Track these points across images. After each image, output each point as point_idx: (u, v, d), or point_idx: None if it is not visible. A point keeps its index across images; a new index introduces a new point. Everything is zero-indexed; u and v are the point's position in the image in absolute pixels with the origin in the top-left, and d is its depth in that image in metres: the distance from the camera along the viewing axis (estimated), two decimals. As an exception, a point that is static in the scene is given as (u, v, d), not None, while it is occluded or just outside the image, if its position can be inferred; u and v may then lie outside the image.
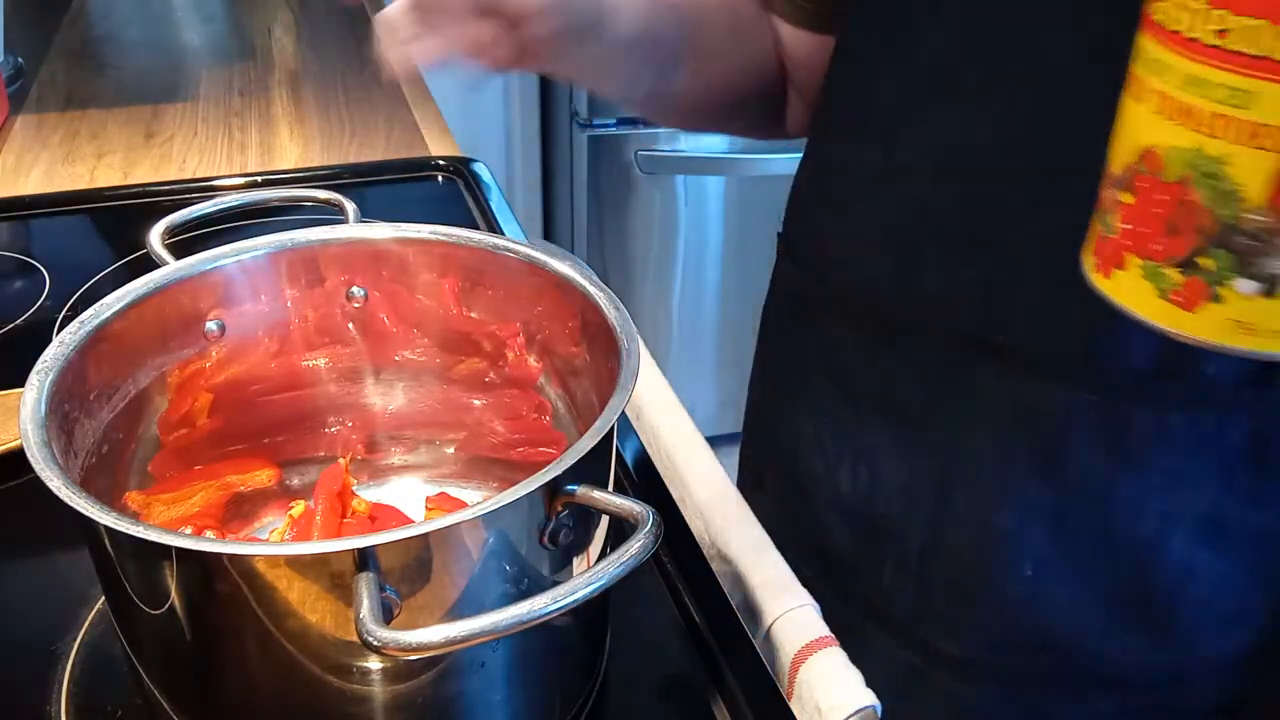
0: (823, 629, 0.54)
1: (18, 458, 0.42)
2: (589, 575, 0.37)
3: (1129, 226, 0.37)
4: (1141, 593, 0.56)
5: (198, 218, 0.58)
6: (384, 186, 1.03)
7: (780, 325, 0.70)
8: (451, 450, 0.60)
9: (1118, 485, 0.54)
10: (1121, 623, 0.57)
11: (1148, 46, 0.36)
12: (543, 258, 0.53)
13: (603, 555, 0.45)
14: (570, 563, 0.44)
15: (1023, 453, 0.55)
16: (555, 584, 0.37)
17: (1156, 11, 0.35)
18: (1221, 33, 0.33)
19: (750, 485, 0.73)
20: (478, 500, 0.42)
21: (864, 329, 0.61)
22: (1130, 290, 0.38)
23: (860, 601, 0.63)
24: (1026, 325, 0.53)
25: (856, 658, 0.52)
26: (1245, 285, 0.35)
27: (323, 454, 0.59)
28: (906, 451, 0.60)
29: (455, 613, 0.41)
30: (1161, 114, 0.35)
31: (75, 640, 0.54)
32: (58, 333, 0.50)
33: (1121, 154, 0.38)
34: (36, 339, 0.73)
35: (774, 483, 0.70)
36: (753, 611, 0.55)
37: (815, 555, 0.64)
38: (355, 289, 0.56)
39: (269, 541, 0.54)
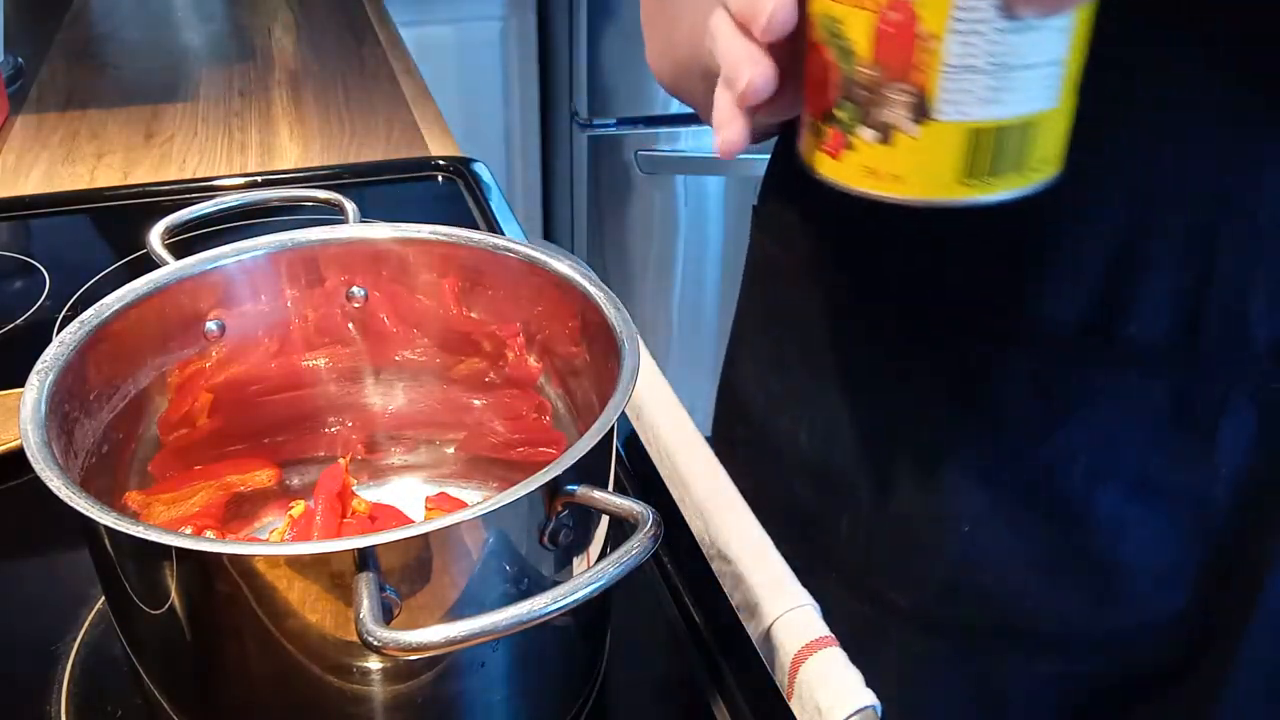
0: (823, 629, 0.54)
1: (18, 458, 0.42)
2: (589, 575, 0.37)
3: (807, 92, 0.41)
4: (1075, 551, 0.57)
5: (198, 218, 0.58)
6: (384, 186, 1.03)
7: (750, 290, 0.74)
8: (451, 450, 0.60)
9: (1047, 442, 0.55)
10: (1057, 580, 0.58)
11: None
12: (543, 258, 0.53)
13: (603, 555, 0.45)
14: (570, 563, 0.44)
15: (958, 408, 0.57)
16: (555, 584, 0.37)
17: None
18: None
19: (722, 445, 0.74)
20: (478, 500, 0.42)
21: (822, 294, 0.64)
22: (806, 148, 0.42)
23: (823, 556, 0.65)
24: (957, 282, 0.55)
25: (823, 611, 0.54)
26: (867, 133, 0.38)
27: (323, 454, 0.59)
28: (861, 411, 0.63)
29: (455, 613, 0.41)
30: None
31: (75, 640, 0.54)
32: (58, 333, 0.50)
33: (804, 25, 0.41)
34: (36, 339, 0.73)
35: (744, 445, 0.72)
36: (752, 611, 0.55)
37: (783, 515, 0.65)
38: (355, 289, 0.56)
39: (269, 541, 0.54)
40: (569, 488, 0.41)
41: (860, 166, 0.39)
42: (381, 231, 0.56)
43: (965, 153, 0.37)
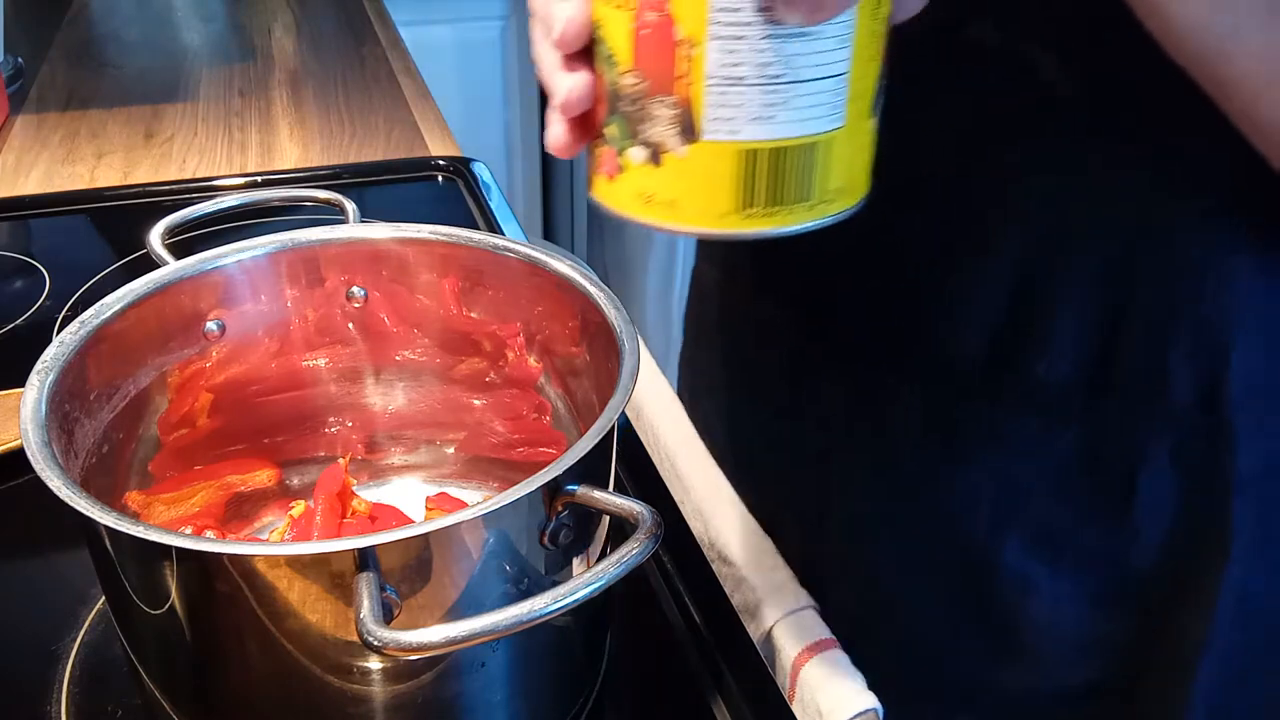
0: (824, 631, 0.54)
1: (18, 458, 0.42)
2: (589, 575, 0.37)
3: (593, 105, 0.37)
4: (981, 602, 0.53)
5: (198, 218, 0.58)
6: (384, 186, 1.03)
7: (696, 303, 0.72)
8: (451, 450, 0.60)
9: (948, 485, 0.52)
10: (963, 630, 0.55)
11: None
12: (543, 258, 0.53)
13: (603, 555, 0.45)
14: (570, 563, 0.44)
15: (866, 440, 0.55)
16: (555, 584, 0.37)
17: None
18: None
19: (687, 401, 0.73)
20: (478, 500, 0.42)
21: (739, 313, 0.62)
22: (590, 165, 0.38)
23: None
24: (855, 313, 0.53)
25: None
26: (637, 153, 0.34)
27: (323, 454, 0.59)
28: (775, 436, 0.61)
29: (455, 613, 0.41)
30: None
31: (75, 640, 0.54)
32: (58, 333, 0.50)
33: None
34: (36, 339, 0.73)
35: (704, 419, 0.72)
36: (753, 613, 0.55)
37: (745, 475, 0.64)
38: (355, 289, 0.56)
39: (269, 541, 0.54)
40: (569, 488, 0.41)
41: (633, 191, 0.35)
42: (381, 231, 0.56)
43: (741, 177, 0.33)
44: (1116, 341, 0.46)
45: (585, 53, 0.36)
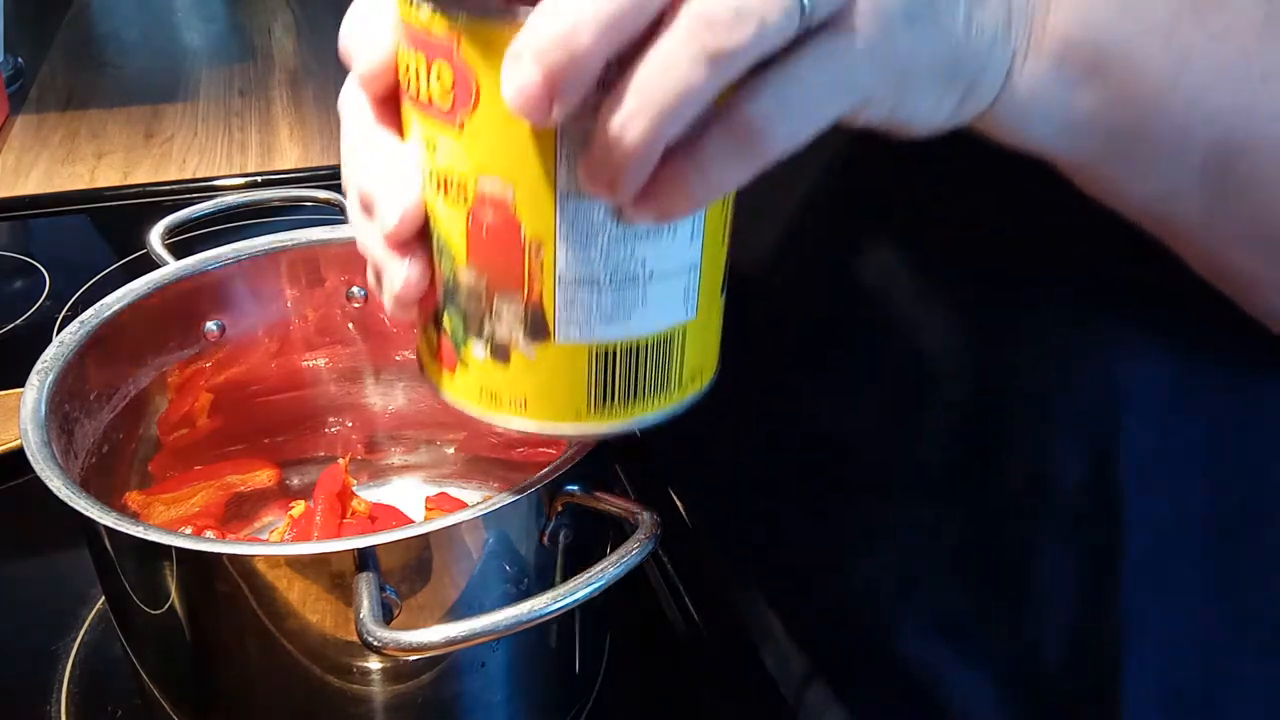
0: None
1: (18, 458, 0.42)
2: (589, 575, 0.37)
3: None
4: (894, 694, 0.50)
5: (198, 218, 0.58)
6: (384, 186, 1.03)
7: None
8: (451, 450, 0.60)
9: (843, 571, 0.49)
10: None
11: None
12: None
13: (602, 555, 0.45)
14: (570, 563, 0.44)
15: (761, 523, 0.52)
16: (555, 584, 0.37)
17: None
18: (404, 71, 0.30)
19: None
20: (478, 500, 0.42)
21: None
22: (421, 346, 0.35)
23: None
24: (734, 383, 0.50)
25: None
26: (478, 349, 0.32)
27: (323, 454, 0.59)
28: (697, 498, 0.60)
29: (455, 613, 0.41)
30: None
31: (75, 640, 0.54)
32: (58, 333, 0.50)
33: None
34: (36, 339, 0.73)
35: None
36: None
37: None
38: (355, 289, 0.56)
39: (269, 542, 0.54)
40: (569, 488, 0.41)
41: (477, 387, 0.33)
42: (381, 231, 0.56)
43: (596, 376, 0.32)
44: (997, 425, 0.44)
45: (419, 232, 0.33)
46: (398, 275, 0.33)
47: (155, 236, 0.55)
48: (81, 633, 0.54)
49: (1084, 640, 0.45)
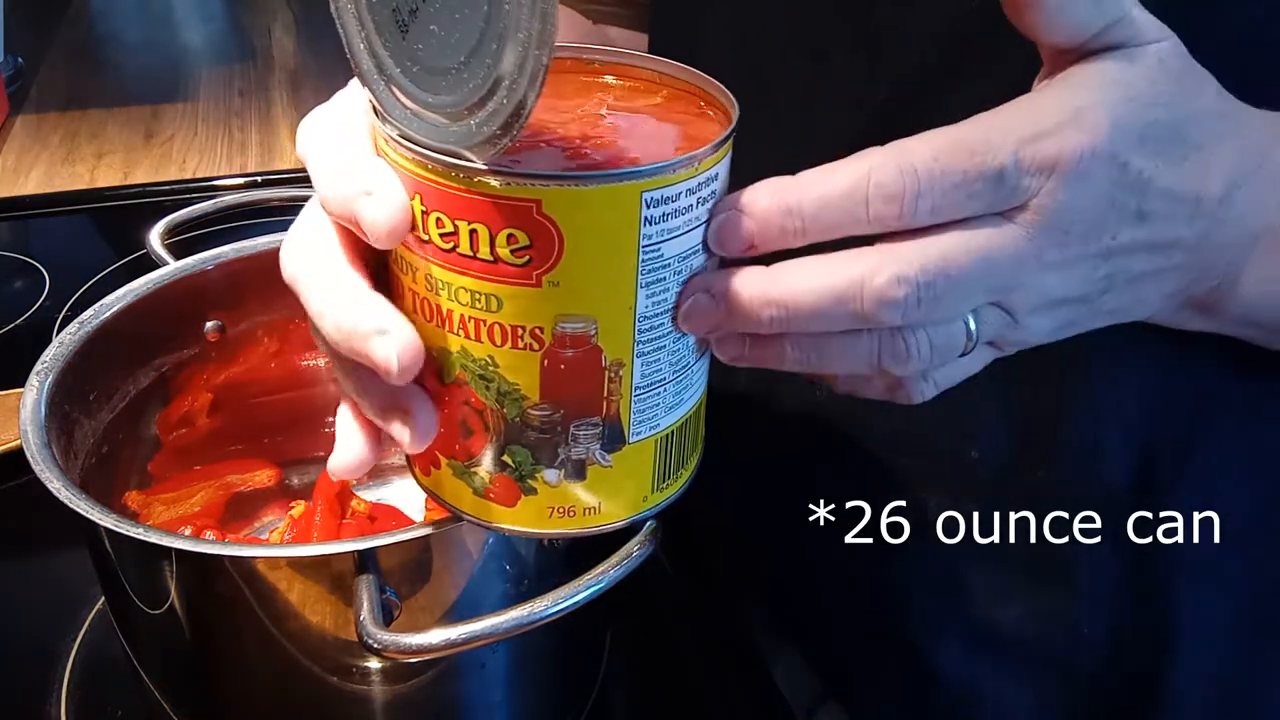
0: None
1: (18, 458, 0.42)
2: (589, 576, 0.37)
3: (446, 435, 0.34)
4: (931, 709, 0.50)
5: (198, 218, 0.58)
6: (384, 186, 1.03)
7: None
8: (451, 451, 0.60)
9: (879, 578, 0.49)
10: None
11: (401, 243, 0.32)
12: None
13: (603, 556, 0.45)
14: (570, 564, 0.44)
15: (792, 527, 0.50)
16: (555, 585, 0.37)
17: None
18: (447, 235, 0.30)
19: None
20: (478, 501, 0.42)
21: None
22: (451, 489, 0.36)
23: None
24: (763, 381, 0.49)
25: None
26: (551, 475, 0.33)
27: (323, 454, 0.59)
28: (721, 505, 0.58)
29: (455, 614, 0.41)
30: (420, 315, 0.32)
31: (75, 640, 0.54)
32: (58, 333, 0.50)
33: None
34: (36, 339, 0.73)
35: None
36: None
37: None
38: (355, 289, 0.56)
39: (269, 542, 0.54)
40: (569, 489, 0.41)
41: (546, 509, 0.34)
42: (382, 232, 0.56)
43: (659, 461, 0.34)
44: (1050, 424, 0.44)
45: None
46: (421, 422, 0.33)
47: (155, 236, 0.55)
48: (81, 633, 0.54)
49: (1130, 639, 0.46)
